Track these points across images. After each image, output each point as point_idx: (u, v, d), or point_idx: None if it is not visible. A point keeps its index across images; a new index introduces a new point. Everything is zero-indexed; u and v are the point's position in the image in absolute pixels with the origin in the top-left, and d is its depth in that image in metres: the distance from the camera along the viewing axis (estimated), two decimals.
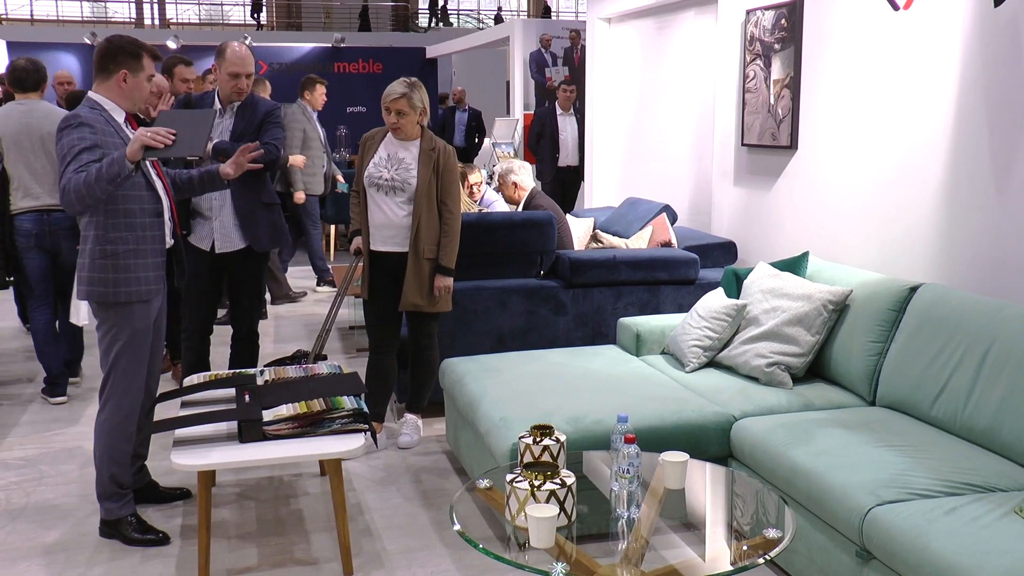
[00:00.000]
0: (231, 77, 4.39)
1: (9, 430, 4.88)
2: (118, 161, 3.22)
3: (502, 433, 3.45)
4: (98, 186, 3.23)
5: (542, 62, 13.08)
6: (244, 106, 4.48)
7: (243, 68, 4.40)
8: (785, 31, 5.11)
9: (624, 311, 5.10)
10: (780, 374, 3.88)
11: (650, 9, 7.53)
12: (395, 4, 29.35)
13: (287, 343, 6.56)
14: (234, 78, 4.39)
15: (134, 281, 3.43)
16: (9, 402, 5.35)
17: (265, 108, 4.54)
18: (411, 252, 4.34)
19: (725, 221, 5.93)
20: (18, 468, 4.36)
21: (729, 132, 5.83)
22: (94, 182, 3.21)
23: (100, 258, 3.39)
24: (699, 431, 3.56)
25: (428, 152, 4.35)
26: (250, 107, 4.50)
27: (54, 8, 28.03)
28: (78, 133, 3.31)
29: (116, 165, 3.22)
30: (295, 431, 3.27)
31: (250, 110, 4.49)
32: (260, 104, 4.54)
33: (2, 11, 27.38)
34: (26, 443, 4.70)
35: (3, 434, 4.82)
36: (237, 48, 4.41)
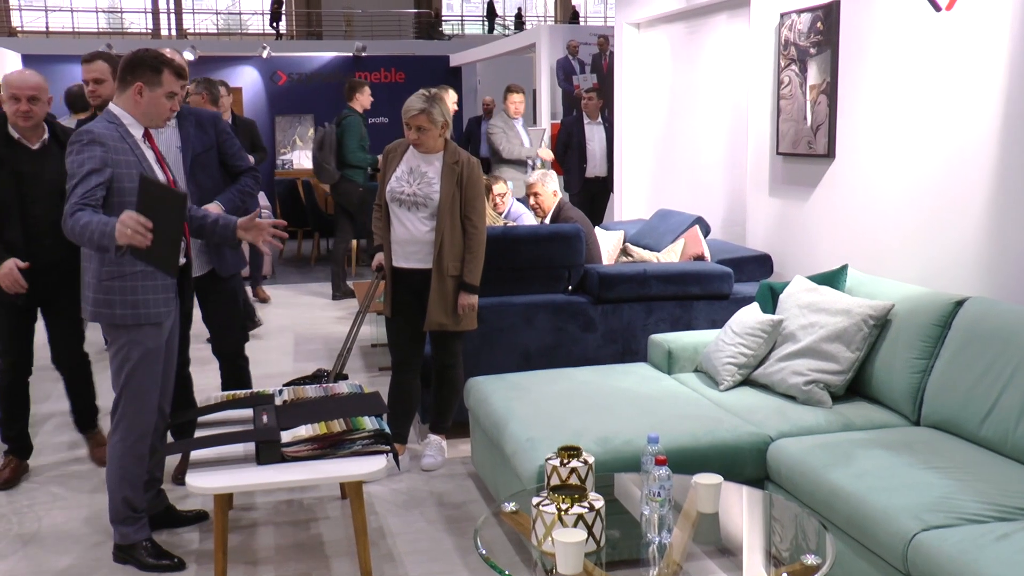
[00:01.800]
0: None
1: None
2: (108, 237, 3.16)
3: (528, 455, 3.45)
4: (88, 244, 3.26)
5: (569, 69, 13.10)
6: (183, 116, 4.28)
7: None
8: (821, 34, 5.10)
9: (655, 327, 5.09)
10: (818, 392, 3.85)
11: (681, 13, 7.53)
12: (418, 11, 29.56)
13: (306, 362, 6.60)
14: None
15: (142, 304, 3.45)
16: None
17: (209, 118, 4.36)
18: (435, 270, 4.35)
19: (760, 233, 5.91)
20: (30, 491, 4.40)
21: (763, 140, 5.82)
22: (85, 239, 3.22)
23: (107, 279, 3.42)
24: (734, 452, 3.54)
25: (451, 166, 4.37)
26: (192, 116, 4.31)
27: (69, 20, 28.48)
28: (88, 152, 3.32)
29: (107, 239, 3.17)
30: (315, 453, 3.29)
31: (193, 118, 4.30)
32: (200, 113, 4.37)
33: (17, 23, 27.85)
34: (39, 464, 4.75)
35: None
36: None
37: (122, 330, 3.47)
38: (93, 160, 3.32)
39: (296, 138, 17.10)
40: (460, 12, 33.16)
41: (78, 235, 3.24)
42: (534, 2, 33.80)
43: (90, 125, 3.43)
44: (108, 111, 3.50)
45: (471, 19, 32.38)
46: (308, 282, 10.09)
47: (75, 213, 3.24)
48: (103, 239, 3.19)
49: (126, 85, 3.48)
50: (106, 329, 3.52)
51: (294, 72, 17.59)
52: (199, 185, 4.26)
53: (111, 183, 3.35)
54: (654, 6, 7.70)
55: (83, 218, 3.23)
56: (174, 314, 3.62)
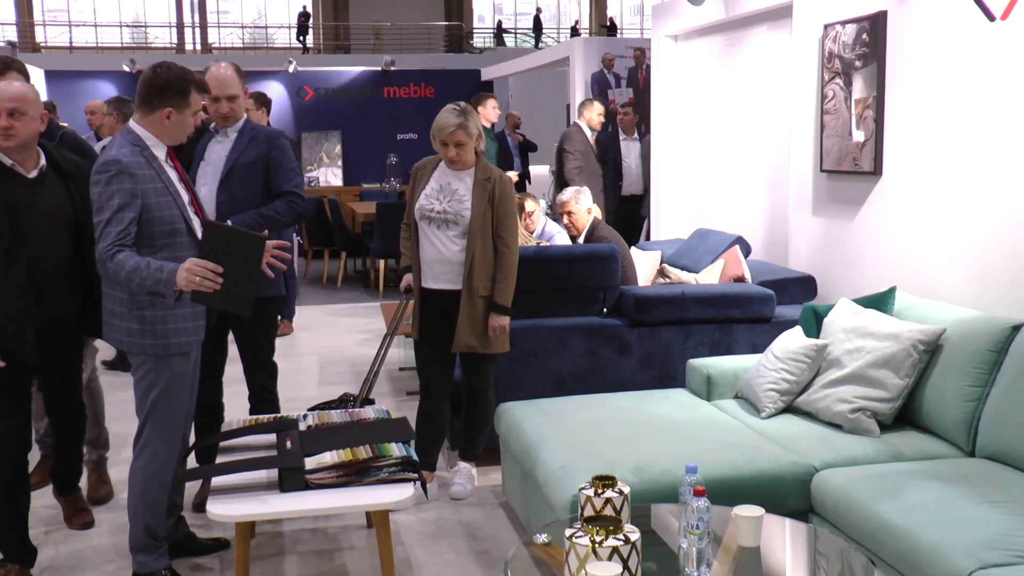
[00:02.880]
0: (211, 100, 4.33)
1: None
2: (166, 284, 3.25)
3: (561, 484, 3.44)
4: (137, 289, 3.33)
5: (604, 83, 13.13)
6: (246, 130, 4.39)
7: (219, 90, 4.30)
8: (867, 46, 5.07)
9: (694, 351, 5.06)
10: (865, 421, 3.81)
11: (720, 25, 7.53)
12: (448, 24, 29.78)
13: (332, 386, 6.62)
14: (214, 101, 4.32)
15: (172, 333, 3.48)
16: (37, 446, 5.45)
17: (267, 134, 4.44)
18: (464, 290, 4.36)
19: (803, 254, 5.87)
20: (47, 517, 4.44)
21: (807, 157, 5.79)
22: (134, 284, 3.29)
23: (137, 308, 3.44)
24: (776, 483, 3.51)
25: (483, 182, 4.38)
26: (253, 131, 4.41)
27: (93, 35, 28.95)
28: (118, 184, 3.34)
29: (162, 286, 3.26)
30: (340, 480, 3.29)
31: (253, 133, 4.39)
32: (263, 130, 4.46)
33: (41, 39, 28.34)
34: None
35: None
36: (215, 70, 4.35)
37: (150, 357, 3.50)
38: (123, 193, 3.33)
39: (323, 155, 17.24)
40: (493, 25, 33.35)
41: (123, 279, 3.29)
42: (568, 13, 33.96)
43: (116, 153, 3.40)
44: (131, 132, 3.50)
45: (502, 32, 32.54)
46: (334, 303, 10.15)
47: (115, 256, 3.28)
48: (158, 285, 3.26)
49: (152, 109, 3.48)
50: (130, 355, 3.55)
51: (321, 87, 17.74)
52: (231, 194, 4.29)
53: (140, 214, 3.38)
54: (692, 17, 7.70)
55: (128, 261, 3.27)
56: (201, 341, 3.65)
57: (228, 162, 4.32)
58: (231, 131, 4.38)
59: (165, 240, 3.44)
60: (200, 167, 4.37)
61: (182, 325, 3.50)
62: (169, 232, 3.44)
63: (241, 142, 4.37)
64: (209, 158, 4.38)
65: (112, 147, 3.46)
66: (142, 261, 3.28)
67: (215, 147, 4.39)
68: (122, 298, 3.46)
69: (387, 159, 14.92)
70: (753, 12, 6.83)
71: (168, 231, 3.44)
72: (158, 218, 3.41)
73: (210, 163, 4.37)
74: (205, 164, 4.37)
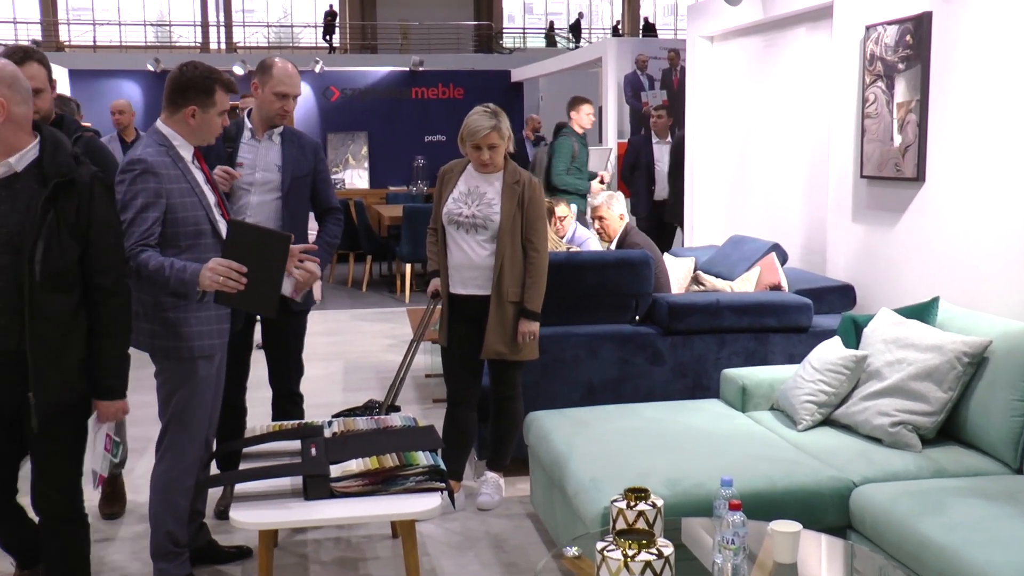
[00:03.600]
0: (277, 97, 4.23)
1: None
2: (189, 284, 3.32)
3: (592, 496, 3.43)
4: (160, 288, 3.38)
5: (638, 85, 13.12)
6: (289, 136, 4.36)
7: (292, 88, 4.26)
8: (911, 48, 5.04)
9: (728, 361, 5.05)
10: (907, 435, 3.78)
11: (757, 26, 7.51)
12: (478, 23, 29.85)
13: (357, 392, 6.64)
14: (281, 99, 4.24)
15: (196, 336, 3.52)
16: None
17: (312, 145, 4.43)
18: (494, 295, 4.37)
19: (842, 262, 5.84)
20: None
21: (846, 162, 5.76)
22: (159, 284, 3.34)
23: (161, 311, 3.48)
24: (813, 497, 3.49)
25: (512, 186, 4.39)
26: (296, 138, 4.38)
27: (116, 34, 29.24)
28: (142, 183, 3.38)
29: (186, 287, 3.33)
30: (365, 488, 3.30)
31: (297, 140, 4.37)
32: (304, 137, 4.43)
33: (64, 38, 28.66)
34: None
35: None
36: (285, 66, 4.28)
37: (173, 360, 3.53)
38: (147, 193, 3.37)
39: (349, 156, 17.33)
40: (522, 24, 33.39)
41: (147, 278, 3.34)
42: (600, 14, 33.95)
43: (141, 152, 3.45)
44: (158, 132, 3.54)
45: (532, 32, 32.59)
46: (359, 307, 10.19)
47: (138, 255, 3.32)
48: (181, 286, 3.33)
49: (177, 108, 3.52)
50: (154, 358, 3.58)
51: (347, 87, 17.83)
52: (292, 212, 4.29)
53: (164, 214, 3.41)
54: (729, 18, 7.69)
55: (151, 261, 3.31)
56: (226, 344, 3.68)
57: (285, 174, 4.26)
58: (275, 135, 4.31)
59: (190, 241, 3.47)
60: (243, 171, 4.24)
61: (206, 328, 3.53)
62: (194, 233, 3.47)
63: (290, 151, 4.31)
64: (253, 162, 4.27)
65: (138, 147, 3.51)
66: (165, 261, 3.32)
67: (258, 150, 4.29)
68: (146, 300, 3.49)
69: (414, 161, 14.98)
70: (792, 12, 6.81)
71: (193, 232, 3.47)
72: (183, 218, 3.44)
73: (257, 169, 4.26)
74: (248, 169, 4.25)
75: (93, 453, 3.25)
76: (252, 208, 4.21)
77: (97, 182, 3.07)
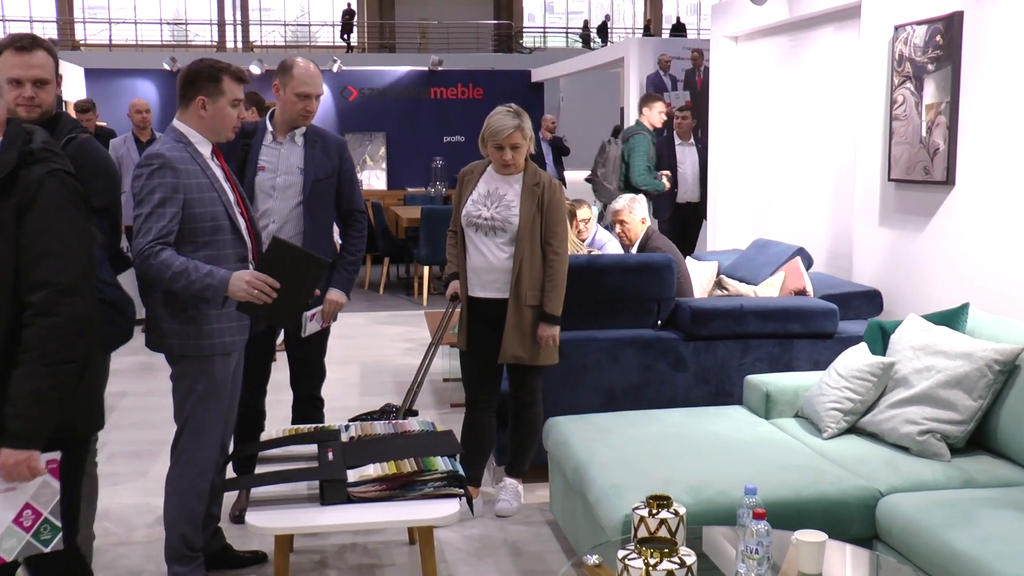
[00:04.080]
0: (299, 98, 4.21)
1: None
2: (215, 291, 3.36)
3: (613, 503, 3.43)
4: (181, 290, 3.39)
5: (660, 86, 13.11)
6: (312, 136, 4.32)
7: (314, 88, 4.24)
8: (941, 49, 5.02)
9: (752, 367, 5.03)
10: (935, 444, 3.76)
11: (783, 25, 7.50)
12: (497, 22, 29.90)
13: (374, 396, 6.66)
14: (303, 99, 4.22)
15: (216, 333, 3.54)
16: None
17: (336, 144, 4.39)
18: (512, 298, 4.37)
19: (869, 267, 5.82)
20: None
21: (874, 165, 5.74)
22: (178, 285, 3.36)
23: (181, 309, 3.50)
24: (839, 507, 3.48)
25: (532, 188, 4.40)
26: (320, 138, 4.35)
27: (132, 32, 29.43)
28: (159, 178, 3.40)
29: (211, 292, 3.38)
30: (382, 494, 3.31)
31: (321, 141, 4.34)
32: (328, 137, 4.39)
33: (80, 37, 28.88)
34: None
35: None
36: (307, 66, 4.26)
37: (189, 360, 3.55)
38: (164, 188, 3.40)
39: (367, 157, 17.39)
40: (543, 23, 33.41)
41: (167, 280, 3.36)
42: (622, 13, 33.95)
43: (159, 147, 3.49)
44: (174, 130, 3.58)
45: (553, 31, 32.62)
46: (376, 310, 10.21)
47: (159, 253, 3.34)
48: (206, 291, 3.37)
49: (188, 101, 3.55)
50: (171, 358, 3.60)
51: (365, 87, 17.89)
52: (314, 216, 4.27)
53: (182, 210, 3.44)
54: (754, 17, 7.67)
55: (173, 262, 3.34)
56: (244, 343, 3.70)
57: (307, 177, 4.23)
58: (298, 134, 4.29)
59: (208, 237, 3.49)
60: (261, 176, 4.24)
61: (227, 325, 3.56)
62: (212, 229, 3.49)
63: (313, 152, 4.29)
64: (274, 165, 4.26)
65: (156, 144, 3.54)
66: (189, 263, 3.34)
67: (280, 153, 4.28)
68: (159, 298, 3.51)
69: (433, 162, 15.02)
70: (819, 12, 6.79)
71: (211, 228, 3.49)
72: (200, 214, 3.46)
73: (279, 173, 4.25)
74: (270, 173, 4.24)
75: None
76: (276, 214, 4.21)
77: (50, 182, 2.60)
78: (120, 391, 6.81)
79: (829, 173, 6.96)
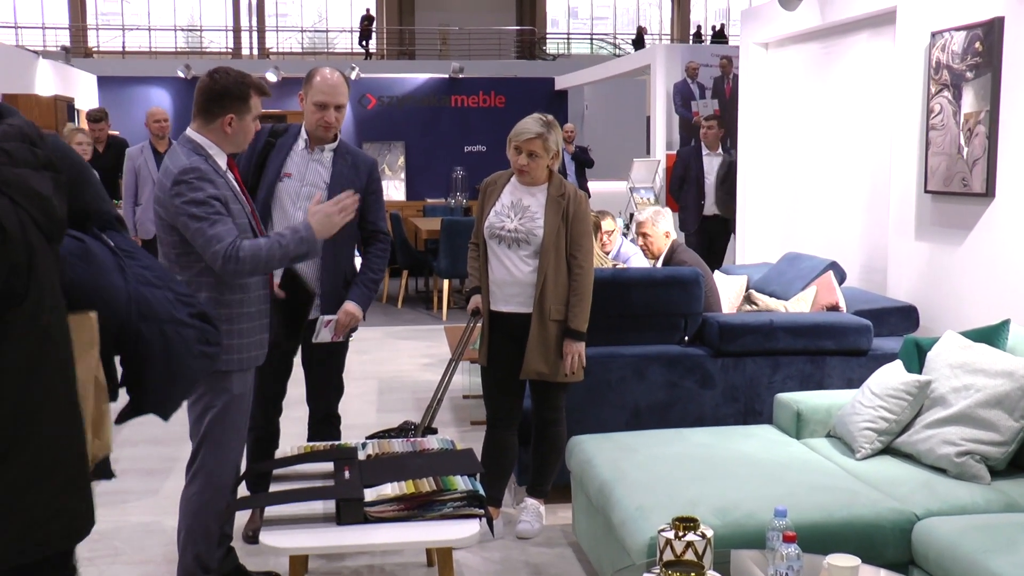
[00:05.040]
0: (317, 108, 4.24)
1: None
2: (309, 242, 3.46)
3: (638, 525, 3.43)
4: (280, 261, 3.48)
5: (688, 94, 13.12)
6: (342, 152, 4.37)
7: (331, 97, 4.26)
8: (980, 56, 5.01)
9: (782, 385, 5.02)
10: (974, 465, 3.74)
11: (815, 32, 7.49)
12: (520, 28, 29.98)
13: (392, 413, 6.67)
14: (320, 109, 4.24)
15: (244, 347, 3.57)
16: None
17: (366, 163, 4.42)
18: (535, 313, 4.38)
19: (904, 282, 5.79)
20: (91, 543, 4.51)
21: (910, 176, 5.72)
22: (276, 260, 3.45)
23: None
24: (873, 530, 3.46)
25: (556, 199, 4.41)
26: (349, 155, 4.39)
27: (146, 39, 29.69)
28: (211, 190, 3.43)
29: (306, 245, 3.46)
30: (400, 514, 3.32)
31: (351, 158, 4.38)
32: (359, 155, 4.43)
33: (93, 44, 29.15)
34: (101, 515, 4.83)
35: None
36: (328, 75, 4.30)
37: (209, 375, 3.55)
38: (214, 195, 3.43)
39: (385, 167, 17.46)
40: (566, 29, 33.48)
41: (264, 261, 3.43)
42: (648, 19, 34.00)
43: (189, 161, 3.47)
44: (191, 140, 3.57)
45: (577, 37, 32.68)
46: (394, 324, 10.24)
47: (240, 247, 3.38)
48: (302, 245, 3.48)
49: (214, 117, 3.56)
50: None
51: (384, 95, 17.98)
52: (334, 237, 4.11)
53: None
54: (784, 23, 7.67)
55: (259, 245, 3.43)
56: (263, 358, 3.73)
57: (332, 194, 4.18)
58: (327, 148, 4.33)
59: None
60: (287, 183, 4.26)
61: (249, 339, 3.60)
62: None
63: (341, 169, 4.32)
64: (302, 176, 4.29)
65: (175, 157, 3.53)
66: (270, 239, 3.46)
67: (309, 165, 4.31)
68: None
69: (453, 172, 15.03)
70: (852, 18, 6.79)
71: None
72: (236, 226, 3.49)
73: (305, 183, 4.28)
74: (295, 182, 4.27)
75: None
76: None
77: None
78: None
79: (863, 184, 6.94)
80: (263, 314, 3.66)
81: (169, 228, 3.50)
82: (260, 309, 3.64)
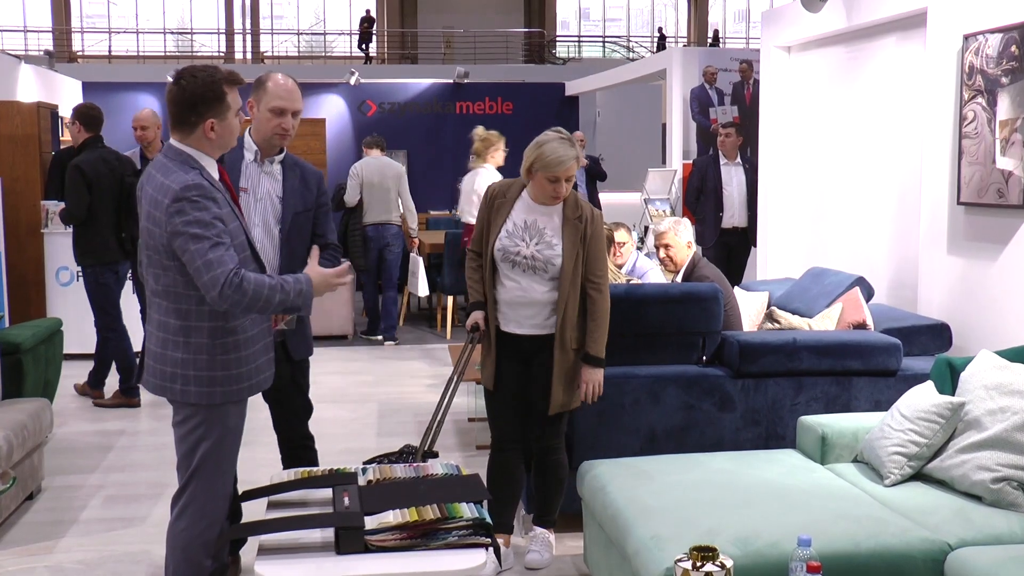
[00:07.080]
0: (274, 114, 4.18)
1: (67, 527, 5.11)
2: (306, 298, 3.50)
3: (654, 555, 3.43)
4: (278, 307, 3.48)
5: (705, 100, 13.14)
6: (290, 165, 4.36)
7: (289, 103, 4.21)
8: (1016, 60, 5.03)
9: (806, 407, 5.02)
10: (1011, 492, 3.75)
11: (840, 35, 7.52)
12: (528, 31, 30.07)
13: (392, 437, 6.68)
14: (278, 115, 4.18)
15: (235, 379, 3.56)
16: (69, 493, 5.61)
17: (315, 176, 4.43)
18: (557, 344, 4.39)
19: (935, 298, 5.80)
20: (77, 573, 4.54)
21: (941, 188, 5.73)
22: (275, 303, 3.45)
23: (221, 353, 3.50)
24: (903, 561, 3.46)
25: (573, 222, 4.41)
26: (298, 167, 4.38)
27: (133, 43, 29.80)
28: (215, 209, 3.40)
29: (302, 300, 3.50)
30: (403, 543, 3.32)
31: (299, 171, 4.37)
32: (307, 168, 4.44)
33: (78, 48, 29.29)
34: (86, 544, 4.90)
35: (60, 531, 5.06)
36: (282, 80, 4.25)
37: (202, 408, 3.54)
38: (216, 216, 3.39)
39: None
40: (577, 32, 33.56)
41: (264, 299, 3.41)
42: (664, 20, 34.10)
43: (188, 178, 3.39)
44: (180, 152, 3.50)
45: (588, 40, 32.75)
46: (395, 343, 10.24)
47: (244, 276, 3.34)
48: (299, 297, 3.50)
49: (193, 126, 3.48)
50: (181, 405, 3.58)
51: (385, 101, 18.02)
52: (292, 252, 4.27)
53: None
54: (808, 26, 7.70)
55: (262, 280, 3.40)
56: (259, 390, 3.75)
57: (287, 210, 4.27)
58: (276, 160, 4.30)
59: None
60: (242, 198, 4.20)
61: (251, 366, 3.60)
62: (242, 260, 3.50)
63: (292, 183, 4.32)
64: (255, 190, 4.28)
65: (169, 171, 3.45)
66: (274, 278, 3.46)
67: (261, 178, 4.29)
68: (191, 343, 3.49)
69: (458, 183, 15.03)
70: (880, 20, 6.81)
71: (242, 259, 3.50)
72: (235, 245, 3.48)
73: (258, 198, 4.28)
74: (250, 197, 4.26)
75: None
76: (258, 242, 4.12)
77: None
78: (117, 429, 6.88)
79: (892, 196, 6.95)
80: (266, 332, 3.66)
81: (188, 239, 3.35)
82: (263, 329, 3.65)
